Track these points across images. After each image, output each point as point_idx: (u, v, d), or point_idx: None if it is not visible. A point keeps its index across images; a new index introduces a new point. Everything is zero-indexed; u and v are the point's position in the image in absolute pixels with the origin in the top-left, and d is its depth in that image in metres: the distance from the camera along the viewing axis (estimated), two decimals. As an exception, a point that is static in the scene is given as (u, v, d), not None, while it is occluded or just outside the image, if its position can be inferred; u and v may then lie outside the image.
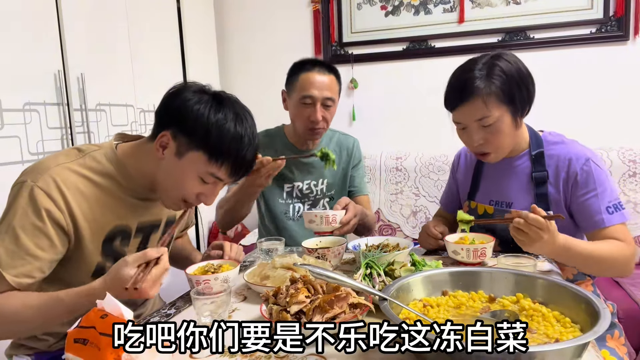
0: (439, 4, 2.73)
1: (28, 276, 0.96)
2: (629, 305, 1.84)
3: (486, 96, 1.23)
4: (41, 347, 1.14)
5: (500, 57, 1.28)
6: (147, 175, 1.10)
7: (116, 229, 1.09)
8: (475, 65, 1.27)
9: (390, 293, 0.86)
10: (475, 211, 1.46)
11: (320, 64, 1.66)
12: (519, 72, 1.27)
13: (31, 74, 1.74)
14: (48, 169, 1.00)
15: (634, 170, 2.29)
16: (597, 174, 1.27)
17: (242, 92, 3.20)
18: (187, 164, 1.04)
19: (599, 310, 0.76)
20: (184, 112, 1.02)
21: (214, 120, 1.01)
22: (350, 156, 1.85)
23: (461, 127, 1.32)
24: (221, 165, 1.04)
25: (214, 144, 1.02)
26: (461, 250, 1.24)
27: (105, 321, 0.76)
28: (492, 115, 1.24)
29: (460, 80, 1.28)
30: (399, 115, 2.90)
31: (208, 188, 1.08)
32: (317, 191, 1.79)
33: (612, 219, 1.24)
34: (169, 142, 1.04)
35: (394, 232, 2.66)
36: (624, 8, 2.43)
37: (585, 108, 2.56)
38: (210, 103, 1.03)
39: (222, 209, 1.63)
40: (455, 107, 1.29)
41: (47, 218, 0.97)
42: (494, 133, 1.27)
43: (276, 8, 3.02)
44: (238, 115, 1.05)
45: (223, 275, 1.07)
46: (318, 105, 1.62)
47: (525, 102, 1.29)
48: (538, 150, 1.35)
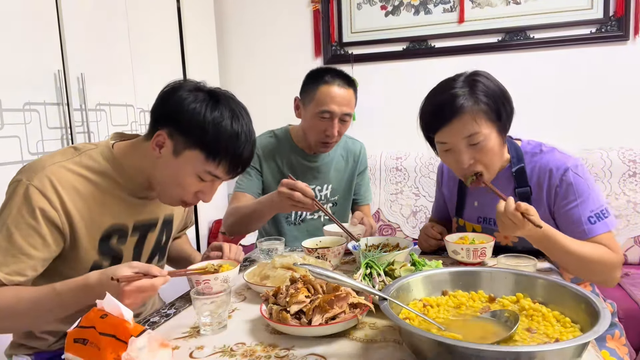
0: (439, 4, 2.73)
1: (20, 274, 0.97)
2: (629, 305, 1.84)
3: (475, 113, 1.19)
4: (41, 347, 1.14)
5: (478, 74, 1.25)
6: (144, 174, 1.10)
7: (112, 227, 1.10)
8: (455, 84, 1.23)
9: (390, 293, 0.86)
10: (464, 228, 1.45)
11: (340, 76, 1.60)
12: (500, 89, 1.24)
13: (31, 74, 1.74)
14: (43, 168, 1.00)
15: (634, 170, 2.29)
16: (576, 184, 1.24)
17: (242, 92, 3.20)
18: (184, 163, 1.04)
19: (599, 310, 0.76)
20: (179, 111, 1.02)
21: (210, 119, 1.01)
22: (356, 162, 1.82)
23: (446, 148, 1.26)
24: (219, 163, 1.04)
25: (211, 142, 1.02)
26: (461, 250, 1.24)
27: (105, 321, 0.76)
28: (481, 132, 1.20)
29: (442, 100, 1.23)
30: (399, 115, 2.90)
31: (206, 186, 1.09)
32: (321, 196, 1.77)
33: (594, 229, 1.21)
34: (165, 141, 1.04)
35: (394, 232, 2.66)
36: (624, 8, 2.44)
37: (585, 108, 2.56)
38: (205, 101, 1.03)
39: (233, 217, 1.58)
40: (440, 127, 1.23)
41: (41, 217, 0.97)
42: (484, 151, 1.22)
43: (276, 8, 3.03)
44: (234, 113, 1.05)
45: (223, 275, 1.07)
46: (336, 121, 1.58)
47: (508, 118, 1.25)
48: (519, 165, 1.31)
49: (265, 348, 0.87)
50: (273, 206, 1.42)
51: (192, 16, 2.75)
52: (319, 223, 1.79)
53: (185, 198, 1.09)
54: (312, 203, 1.32)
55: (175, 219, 1.30)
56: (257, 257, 1.48)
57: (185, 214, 1.39)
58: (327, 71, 1.61)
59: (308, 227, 1.78)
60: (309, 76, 1.64)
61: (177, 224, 1.33)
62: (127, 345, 0.72)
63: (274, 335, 0.92)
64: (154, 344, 0.76)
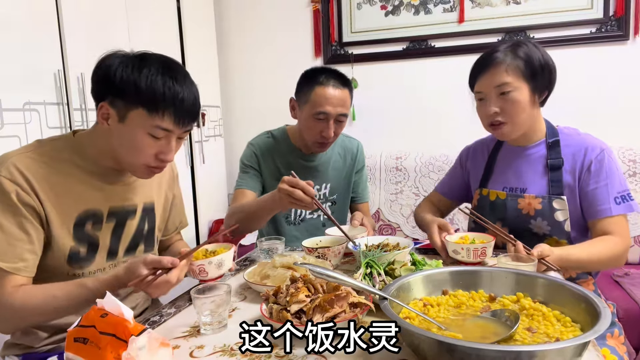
0: (439, 4, 2.73)
1: (21, 259, 1.00)
2: (629, 305, 1.84)
3: (508, 66, 1.30)
4: (33, 344, 1.14)
5: (527, 42, 1.36)
6: (106, 155, 1.12)
7: (86, 213, 1.11)
8: (502, 45, 1.35)
9: (390, 292, 0.86)
10: (487, 198, 1.47)
11: (334, 76, 1.59)
12: (544, 56, 1.33)
13: (31, 73, 1.74)
14: (8, 159, 1.04)
15: (634, 170, 2.29)
16: (608, 165, 1.32)
17: (242, 92, 3.21)
18: (132, 125, 1.05)
19: (599, 310, 0.76)
20: (111, 78, 1.03)
21: (140, 73, 1.03)
22: (354, 160, 1.82)
23: (480, 97, 1.37)
24: (163, 114, 1.04)
25: (147, 95, 1.02)
26: (461, 250, 1.24)
27: (105, 320, 0.76)
28: (511, 83, 1.30)
29: (485, 55, 1.36)
30: (399, 115, 2.90)
31: (162, 144, 1.08)
32: (319, 195, 1.76)
33: (617, 209, 1.29)
34: (108, 112, 1.05)
35: (394, 231, 2.66)
36: (624, 8, 2.43)
37: (585, 108, 2.56)
38: (132, 61, 1.05)
39: (235, 217, 1.56)
40: (477, 76, 1.35)
41: (18, 202, 1.00)
42: (511, 102, 1.31)
43: (276, 8, 3.03)
44: (164, 64, 1.07)
45: (217, 258, 1.05)
46: (331, 122, 1.57)
47: (545, 85, 1.34)
48: (554, 138, 1.39)
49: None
50: (274, 204, 1.42)
51: (192, 16, 2.75)
52: (318, 222, 1.79)
53: (148, 161, 1.09)
54: (312, 202, 1.32)
55: (157, 206, 1.29)
56: (257, 256, 1.48)
57: (169, 203, 1.37)
58: (321, 71, 1.60)
59: (308, 226, 1.78)
60: (304, 77, 1.63)
61: (161, 213, 1.31)
62: (127, 344, 0.72)
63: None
64: (154, 343, 0.76)
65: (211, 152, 2.95)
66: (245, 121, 3.21)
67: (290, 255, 1.20)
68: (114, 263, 1.18)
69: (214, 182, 3.04)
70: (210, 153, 2.93)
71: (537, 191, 1.37)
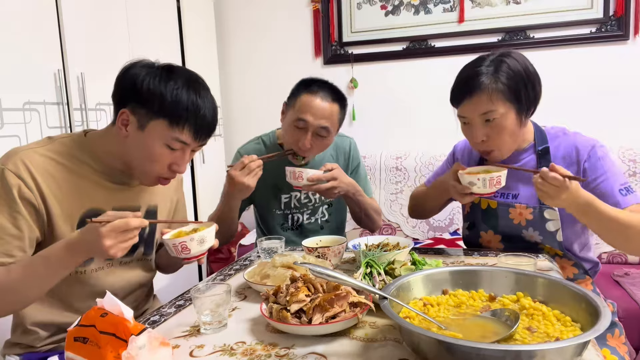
0: (439, 4, 2.73)
1: (8, 255, 1.00)
2: (629, 304, 1.84)
3: (492, 92, 1.24)
4: (34, 343, 1.14)
5: (509, 55, 1.29)
6: (117, 157, 1.13)
7: (90, 212, 1.11)
8: (483, 62, 1.28)
9: (390, 292, 0.86)
10: (478, 206, 1.46)
11: (327, 88, 1.53)
12: (526, 71, 1.27)
13: (31, 73, 1.74)
14: (17, 153, 1.04)
15: (634, 170, 2.29)
16: (604, 159, 1.29)
17: (242, 92, 3.21)
18: (151, 134, 1.06)
19: (599, 309, 0.76)
20: (136, 86, 1.05)
21: (166, 86, 1.04)
22: (347, 159, 1.77)
23: (465, 121, 1.33)
24: (183, 127, 1.06)
25: (171, 107, 1.04)
26: (477, 181, 1.24)
27: (105, 320, 0.76)
28: (496, 110, 1.25)
29: (466, 76, 1.29)
30: (398, 114, 2.90)
31: (177, 156, 1.11)
32: (315, 199, 1.74)
33: (627, 201, 1.24)
34: (129, 118, 1.07)
35: (394, 231, 2.66)
36: (624, 8, 2.43)
37: (585, 108, 2.56)
38: (160, 72, 1.07)
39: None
40: (460, 101, 1.30)
41: (18, 197, 1.01)
42: (497, 130, 1.27)
43: (276, 8, 3.03)
44: (190, 79, 1.09)
45: (198, 235, 1.03)
46: (309, 134, 1.49)
47: (531, 101, 1.29)
48: (544, 146, 1.36)
49: (266, 347, 0.87)
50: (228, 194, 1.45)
51: (192, 16, 2.75)
52: (316, 226, 1.77)
53: (161, 172, 1.11)
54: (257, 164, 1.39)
55: (161, 210, 1.30)
56: (257, 256, 1.48)
57: (173, 207, 1.37)
58: (317, 82, 1.54)
59: (305, 231, 1.75)
60: (299, 83, 1.58)
61: (164, 217, 1.32)
62: (127, 343, 0.72)
63: (274, 334, 0.92)
64: (154, 343, 0.76)
65: (211, 152, 2.94)
66: (245, 121, 3.21)
67: (290, 255, 1.20)
68: (111, 262, 1.18)
69: (214, 182, 3.03)
70: (210, 153, 2.93)
71: (528, 197, 1.34)
